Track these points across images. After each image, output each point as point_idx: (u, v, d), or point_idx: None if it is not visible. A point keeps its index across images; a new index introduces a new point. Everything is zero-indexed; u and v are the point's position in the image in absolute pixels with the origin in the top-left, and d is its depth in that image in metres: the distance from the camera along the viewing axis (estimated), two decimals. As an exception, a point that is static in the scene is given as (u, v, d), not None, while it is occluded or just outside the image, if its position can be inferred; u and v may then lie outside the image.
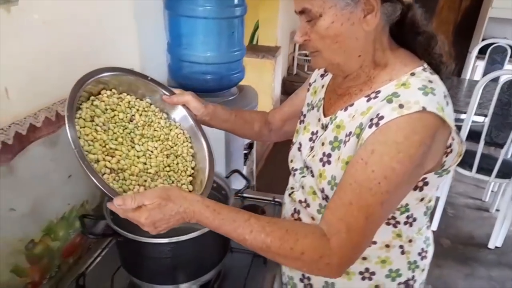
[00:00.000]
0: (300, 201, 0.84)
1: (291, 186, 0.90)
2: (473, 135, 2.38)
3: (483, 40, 3.61)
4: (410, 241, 0.81)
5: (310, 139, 0.86)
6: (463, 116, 2.38)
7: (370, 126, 0.68)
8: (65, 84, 0.96)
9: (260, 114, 1.08)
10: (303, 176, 0.85)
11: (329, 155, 0.77)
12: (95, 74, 0.81)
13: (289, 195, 0.89)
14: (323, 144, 0.79)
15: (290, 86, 4.24)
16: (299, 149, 0.88)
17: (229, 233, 0.69)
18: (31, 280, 0.93)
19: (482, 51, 3.28)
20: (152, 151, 0.84)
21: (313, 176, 0.81)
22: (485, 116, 2.24)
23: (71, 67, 0.98)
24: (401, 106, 0.65)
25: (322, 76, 0.92)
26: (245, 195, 1.26)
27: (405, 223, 0.79)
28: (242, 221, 0.68)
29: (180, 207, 0.67)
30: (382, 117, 0.66)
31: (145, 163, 0.81)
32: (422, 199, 0.77)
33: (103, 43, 1.13)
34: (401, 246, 0.81)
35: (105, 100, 0.84)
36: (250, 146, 1.77)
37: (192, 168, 0.88)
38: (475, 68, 3.52)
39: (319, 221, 0.79)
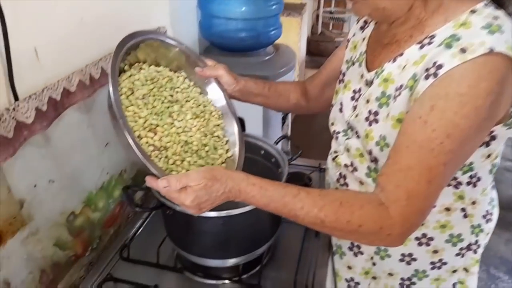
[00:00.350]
0: (345, 165, 0.78)
1: (334, 150, 0.83)
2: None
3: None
4: (474, 203, 0.74)
5: (352, 98, 0.78)
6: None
7: (426, 78, 0.59)
8: (95, 45, 0.88)
9: (296, 84, 0.99)
10: (347, 138, 0.78)
11: (376, 113, 0.69)
12: (133, 37, 0.75)
13: (333, 159, 0.83)
14: (368, 101, 0.71)
15: (315, 46, 4.06)
16: (340, 110, 0.81)
17: (279, 210, 0.64)
18: (74, 252, 0.89)
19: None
20: (191, 128, 0.78)
21: (358, 137, 0.74)
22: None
23: (100, 27, 0.90)
24: (463, 50, 0.56)
25: (362, 28, 0.82)
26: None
27: (468, 183, 0.71)
28: (291, 196, 0.63)
29: (226, 187, 0.63)
30: (440, 66, 0.57)
31: (186, 141, 0.75)
32: (488, 156, 0.68)
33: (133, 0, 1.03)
34: (463, 209, 0.74)
35: (143, 71, 0.78)
36: (286, 110, 1.67)
37: (225, 148, 0.82)
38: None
39: (369, 186, 0.73)
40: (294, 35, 3.03)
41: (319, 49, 4.01)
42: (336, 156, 0.81)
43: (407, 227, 0.63)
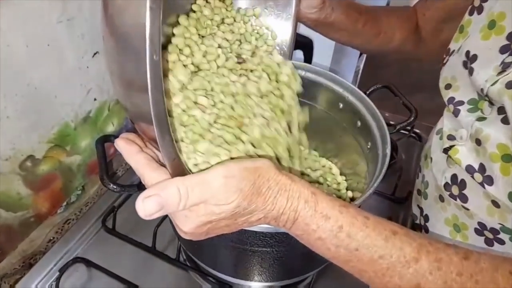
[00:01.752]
0: (469, 168, 0.41)
1: (449, 134, 0.45)
2: None
3: None
4: None
5: (505, 49, 0.39)
6: None
7: None
8: None
9: (404, 17, 0.61)
10: (481, 119, 0.41)
11: None
12: None
13: (445, 150, 0.45)
14: None
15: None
16: (465, 65, 0.43)
17: (366, 277, 0.34)
18: (35, 212, 0.60)
19: None
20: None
21: (507, 123, 0.37)
22: None
23: None
24: None
25: None
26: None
27: None
28: (399, 260, 0.31)
29: (271, 209, 0.33)
30: None
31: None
32: None
33: None
34: None
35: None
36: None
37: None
38: None
39: (509, 214, 0.39)
40: None
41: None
42: (453, 147, 0.44)
43: None
